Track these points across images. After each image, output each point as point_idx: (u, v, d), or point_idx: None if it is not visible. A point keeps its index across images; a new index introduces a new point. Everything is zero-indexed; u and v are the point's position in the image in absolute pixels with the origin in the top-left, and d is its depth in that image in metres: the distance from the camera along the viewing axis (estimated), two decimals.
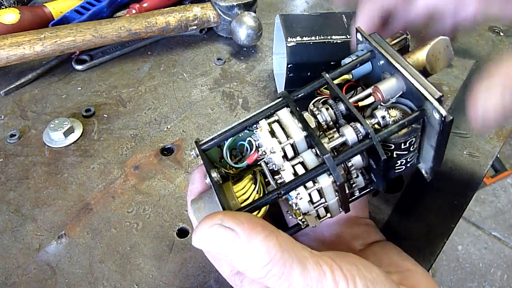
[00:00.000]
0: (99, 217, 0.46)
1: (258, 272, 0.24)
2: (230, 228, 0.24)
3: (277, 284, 0.25)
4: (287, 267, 0.24)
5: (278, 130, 0.31)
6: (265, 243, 0.24)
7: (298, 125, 0.31)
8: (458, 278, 1.51)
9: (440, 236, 0.44)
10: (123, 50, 0.64)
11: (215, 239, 0.25)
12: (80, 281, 0.41)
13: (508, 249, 1.59)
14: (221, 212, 0.26)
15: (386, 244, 0.36)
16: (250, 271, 0.25)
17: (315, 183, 0.30)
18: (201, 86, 0.60)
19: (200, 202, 0.32)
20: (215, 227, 0.25)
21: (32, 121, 0.55)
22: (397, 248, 0.35)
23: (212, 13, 0.64)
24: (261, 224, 0.25)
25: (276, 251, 0.24)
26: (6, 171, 0.50)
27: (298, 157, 0.31)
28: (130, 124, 0.55)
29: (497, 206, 1.72)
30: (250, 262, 0.24)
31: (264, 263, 0.24)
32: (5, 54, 0.55)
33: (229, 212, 0.26)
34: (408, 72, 0.30)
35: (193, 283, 0.41)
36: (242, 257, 0.24)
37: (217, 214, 0.25)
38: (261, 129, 0.31)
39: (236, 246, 0.24)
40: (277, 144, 0.30)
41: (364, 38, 0.34)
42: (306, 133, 0.31)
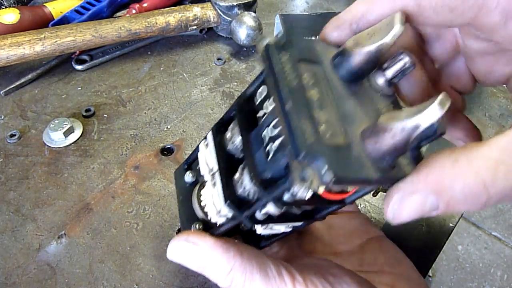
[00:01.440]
0: (99, 217, 0.46)
1: (223, 281, 0.27)
2: (193, 243, 0.28)
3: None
4: (247, 273, 0.27)
5: (202, 159, 0.30)
6: (225, 254, 0.27)
7: (215, 157, 0.29)
8: (458, 278, 1.51)
9: (440, 236, 0.44)
10: (123, 50, 0.64)
11: (181, 252, 0.28)
12: (80, 281, 0.41)
13: (508, 249, 1.59)
14: (187, 231, 0.29)
15: (384, 242, 0.36)
16: (217, 280, 0.28)
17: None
18: (201, 86, 0.60)
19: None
20: (181, 242, 0.28)
21: (32, 121, 0.55)
22: (396, 249, 0.35)
23: (212, 13, 0.64)
24: (224, 240, 0.28)
25: (236, 260, 0.27)
26: (6, 171, 0.50)
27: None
28: (130, 124, 0.55)
29: (497, 206, 1.72)
30: (214, 271, 0.27)
31: (227, 271, 0.27)
32: (5, 54, 0.55)
33: (194, 232, 0.29)
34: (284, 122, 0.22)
35: (193, 283, 0.41)
36: (207, 268, 0.28)
37: (183, 233, 0.29)
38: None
39: (200, 258, 0.28)
40: (205, 170, 0.30)
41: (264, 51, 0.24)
42: (218, 167, 0.28)
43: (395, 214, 0.23)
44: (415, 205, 0.22)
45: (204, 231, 0.29)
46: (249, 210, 0.26)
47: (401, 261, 0.34)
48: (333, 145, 0.21)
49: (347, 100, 0.23)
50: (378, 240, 0.36)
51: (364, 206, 0.47)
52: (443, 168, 0.21)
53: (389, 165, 0.22)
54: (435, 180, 0.21)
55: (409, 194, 0.22)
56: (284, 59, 0.23)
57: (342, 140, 0.21)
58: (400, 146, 0.20)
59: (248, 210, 0.26)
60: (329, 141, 0.21)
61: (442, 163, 0.21)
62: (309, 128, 0.20)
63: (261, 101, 0.27)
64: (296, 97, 0.21)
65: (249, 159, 0.25)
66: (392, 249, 0.35)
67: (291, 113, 0.21)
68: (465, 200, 0.21)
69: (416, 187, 0.22)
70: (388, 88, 0.25)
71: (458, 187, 0.21)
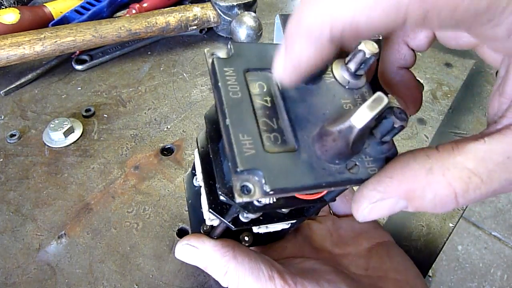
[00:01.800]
0: (99, 217, 0.46)
1: (221, 280, 0.30)
2: (194, 246, 0.32)
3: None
4: (240, 276, 0.30)
5: (196, 163, 0.32)
6: (222, 258, 0.30)
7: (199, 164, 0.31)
8: (458, 278, 1.51)
9: (440, 236, 0.44)
10: (123, 50, 0.64)
11: (185, 253, 0.32)
12: (80, 281, 0.41)
13: (508, 249, 1.59)
14: (191, 235, 0.33)
15: (392, 247, 0.36)
16: (219, 280, 0.31)
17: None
18: (201, 86, 0.60)
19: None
20: (185, 246, 0.32)
21: (32, 121, 0.55)
22: (403, 255, 0.35)
23: (212, 13, 0.64)
24: (221, 244, 0.31)
25: (231, 263, 0.30)
26: (6, 171, 0.50)
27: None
28: (130, 124, 0.55)
29: (497, 206, 1.72)
30: (213, 272, 0.31)
31: (223, 273, 0.30)
32: (5, 54, 0.55)
33: (196, 235, 0.33)
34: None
35: (193, 283, 0.41)
36: (209, 269, 0.31)
37: (187, 236, 0.33)
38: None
39: (199, 258, 0.32)
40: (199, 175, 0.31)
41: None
42: (202, 178, 0.30)
43: (365, 217, 0.24)
44: (386, 208, 0.23)
45: (206, 234, 0.33)
46: (228, 215, 0.28)
47: (407, 268, 0.34)
48: (278, 152, 0.21)
49: (302, 102, 0.23)
50: (386, 245, 0.36)
51: None
52: (416, 177, 0.21)
53: (345, 166, 0.22)
54: (408, 188, 0.21)
55: (381, 200, 0.22)
56: (230, 72, 0.23)
57: (291, 147, 0.21)
58: (342, 148, 0.20)
59: (228, 216, 0.29)
60: (274, 149, 0.21)
61: (416, 171, 0.21)
62: (250, 140, 0.21)
63: None
64: (238, 110, 0.21)
65: (217, 169, 0.26)
66: (399, 255, 0.35)
67: (232, 127, 0.21)
68: (434, 207, 0.22)
69: (389, 194, 0.22)
70: (355, 81, 0.24)
71: (429, 196, 0.21)
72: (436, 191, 0.21)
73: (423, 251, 0.43)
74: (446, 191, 0.21)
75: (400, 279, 0.32)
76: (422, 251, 0.43)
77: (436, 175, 0.21)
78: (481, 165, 0.20)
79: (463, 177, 0.21)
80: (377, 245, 0.36)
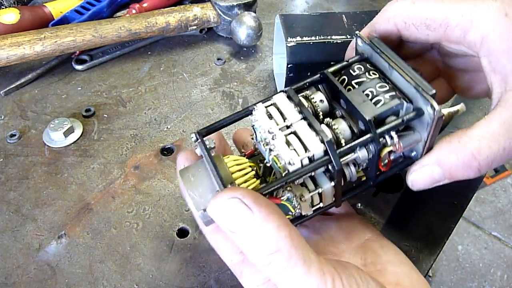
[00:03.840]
0: (99, 217, 0.46)
1: (262, 259, 0.25)
2: (248, 207, 0.25)
3: (278, 277, 0.25)
4: (291, 262, 0.24)
5: (275, 113, 0.31)
6: (277, 232, 0.24)
7: (295, 109, 0.31)
8: (458, 278, 1.51)
9: (440, 236, 0.44)
10: (123, 50, 0.64)
11: (231, 212, 0.25)
12: (80, 281, 0.41)
13: (508, 249, 1.59)
14: (242, 188, 0.26)
15: (384, 242, 0.36)
16: (254, 255, 0.25)
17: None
18: (201, 86, 0.60)
19: (190, 174, 0.31)
20: (234, 200, 0.25)
21: (32, 121, 0.55)
22: (396, 248, 0.35)
23: (212, 13, 0.64)
24: (278, 213, 0.25)
25: (285, 243, 0.24)
26: (6, 171, 0.50)
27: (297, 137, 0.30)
28: (130, 124, 0.55)
29: (497, 206, 1.72)
30: (257, 246, 0.25)
31: (271, 251, 0.24)
32: (5, 54, 0.55)
33: (251, 191, 0.26)
34: (404, 72, 0.31)
35: (193, 283, 0.41)
36: (251, 239, 0.25)
37: (239, 189, 0.26)
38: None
39: (249, 225, 0.25)
40: (275, 125, 0.30)
41: (364, 42, 0.34)
42: (302, 116, 0.31)
43: (413, 182, 0.33)
44: (426, 175, 0.32)
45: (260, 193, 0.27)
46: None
47: (401, 260, 0.34)
48: None
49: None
50: (377, 240, 0.36)
51: (364, 207, 0.47)
52: (441, 147, 0.31)
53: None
54: (436, 156, 0.31)
55: (420, 167, 0.32)
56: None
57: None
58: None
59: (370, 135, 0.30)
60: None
61: (440, 145, 0.31)
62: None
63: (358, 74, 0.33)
64: None
65: (352, 111, 0.31)
66: (392, 248, 0.35)
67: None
68: (461, 168, 0.30)
69: (426, 162, 0.31)
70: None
71: (453, 158, 0.30)
72: (457, 154, 0.30)
73: (423, 251, 0.43)
74: (464, 152, 0.29)
75: (398, 271, 0.32)
76: (422, 251, 0.43)
77: (454, 143, 0.30)
78: (487, 132, 0.29)
79: (475, 141, 0.29)
80: (368, 241, 0.36)
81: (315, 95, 0.33)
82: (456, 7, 0.32)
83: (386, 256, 0.34)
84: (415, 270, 0.33)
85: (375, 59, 0.34)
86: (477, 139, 0.29)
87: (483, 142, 0.29)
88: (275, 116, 0.31)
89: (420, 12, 0.33)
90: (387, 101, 0.31)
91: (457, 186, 0.48)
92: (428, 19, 0.33)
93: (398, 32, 0.35)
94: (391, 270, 0.32)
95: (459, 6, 0.32)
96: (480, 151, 0.29)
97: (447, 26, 0.32)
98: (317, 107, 0.33)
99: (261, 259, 0.25)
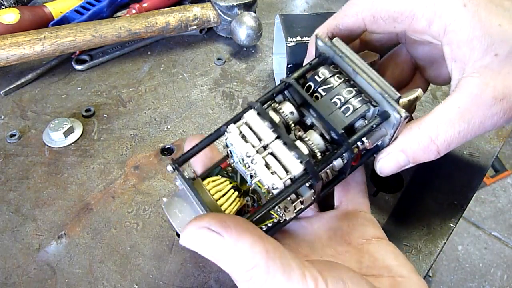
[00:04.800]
0: (99, 217, 0.46)
1: (242, 276, 0.25)
2: (217, 232, 0.25)
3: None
4: (270, 275, 0.25)
5: (249, 134, 0.31)
6: (250, 249, 0.25)
7: (267, 127, 0.31)
8: (458, 278, 1.51)
9: (440, 236, 0.44)
10: (123, 50, 0.64)
11: (201, 241, 0.25)
12: (80, 281, 0.41)
13: (508, 249, 1.59)
14: (209, 214, 0.26)
15: (384, 244, 0.35)
16: (234, 274, 0.25)
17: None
18: (201, 86, 0.60)
19: (174, 203, 0.32)
20: (203, 230, 0.25)
21: (32, 121, 0.55)
22: (396, 251, 0.34)
23: (212, 13, 0.64)
24: (249, 230, 0.26)
25: (261, 257, 0.25)
26: (6, 171, 0.50)
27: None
28: (130, 124, 0.55)
29: (497, 206, 1.73)
30: (234, 266, 0.25)
31: (248, 268, 0.25)
32: (5, 54, 0.55)
33: (217, 216, 0.26)
34: (369, 77, 0.32)
35: (193, 283, 0.41)
36: (227, 260, 0.25)
37: (205, 217, 0.26)
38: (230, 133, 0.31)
39: (222, 250, 0.25)
40: (251, 148, 0.30)
41: (325, 44, 0.34)
42: (276, 135, 0.31)
43: (381, 169, 0.35)
44: (392, 161, 0.34)
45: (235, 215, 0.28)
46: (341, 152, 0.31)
47: (400, 264, 0.33)
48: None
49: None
50: (377, 242, 0.35)
51: None
52: (403, 134, 0.33)
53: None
54: (400, 143, 0.33)
55: (386, 155, 0.34)
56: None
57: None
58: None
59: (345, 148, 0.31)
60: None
61: (403, 132, 0.33)
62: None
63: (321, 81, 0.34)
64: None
65: (322, 120, 0.32)
66: (391, 252, 0.34)
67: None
68: (423, 152, 0.33)
69: (390, 150, 0.34)
70: None
71: (414, 143, 0.33)
72: (417, 139, 0.33)
73: (423, 251, 0.43)
74: (423, 136, 0.32)
75: (395, 276, 0.32)
76: (422, 251, 0.43)
77: (414, 130, 0.33)
78: (443, 116, 0.32)
79: (431, 125, 0.32)
80: (368, 242, 0.35)
81: (283, 106, 0.33)
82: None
83: (384, 261, 0.33)
84: (414, 273, 0.32)
85: (337, 60, 0.34)
86: (434, 124, 0.32)
87: (440, 127, 0.32)
88: (250, 138, 0.31)
89: (387, 5, 0.35)
90: (356, 107, 0.32)
91: (457, 186, 0.48)
92: (396, 11, 0.34)
93: (364, 26, 0.36)
94: (388, 276, 0.32)
95: None
96: (438, 135, 0.32)
97: (413, 17, 0.34)
98: (288, 119, 0.33)
99: (241, 276, 0.25)
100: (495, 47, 0.32)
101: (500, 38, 0.31)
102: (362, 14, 0.36)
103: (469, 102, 0.31)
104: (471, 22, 0.32)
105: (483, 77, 0.32)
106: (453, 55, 0.33)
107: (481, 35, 0.32)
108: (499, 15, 0.32)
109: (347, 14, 0.37)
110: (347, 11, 0.37)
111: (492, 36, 0.31)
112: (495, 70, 0.32)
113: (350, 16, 0.36)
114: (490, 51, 0.32)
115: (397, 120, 0.31)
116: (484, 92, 0.31)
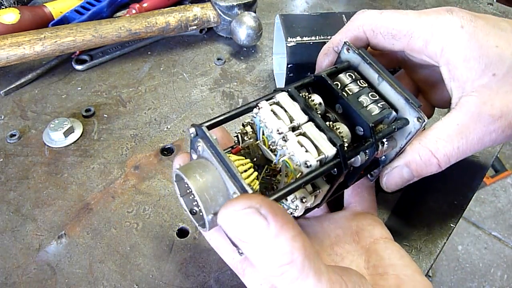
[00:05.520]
0: (99, 217, 0.46)
1: (273, 270, 0.23)
2: (264, 217, 0.22)
3: (288, 287, 0.24)
4: (304, 273, 0.23)
5: (281, 112, 0.30)
6: (291, 243, 0.23)
7: (300, 109, 0.31)
8: (458, 278, 1.51)
9: (440, 236, 0.44)
10: (123, 50, 0.64)
11: (245, 222, 0.23)
12: (80, 281, 0.41)
13: (508, 249, 1.59)
14: (257, 195, 0.23)
15: (391, 244, 0.36)
16: (265, 266, 0.23)
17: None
18: (201, 86, 0.60)
19: (197, 175, 0.28)
20: (250, 210, 0.23)
21: (32, 121, 0.55)
22: (402, 251, 0.35)
23: (212, 13, 0.64)
24: (291, 222, 0.23)
25: (299, 254, 0.23)
26: (6, 171, 0.50)
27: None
28: (130, 124, 0.55)
29: (497, 206, 1.73)
30: (269, 258, 0.23)
31: (284, 263, 0.23)
32: (5, 54, 0.55)
33: (267, 199, 0.23)
34: (394, 84, 0.33)
35: (193, 283, 0.41)
36: (263, 250, 0.23)
37: (254, 197, 0.23)
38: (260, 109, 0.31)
39: (263, 237, 0.22)
40: (284, 125, 0.30)
41: (353, 51, 0.36)
42: (309, 118, 0.31)
43: (386, 184, 0.37)
44: (397, 176, 0.36)
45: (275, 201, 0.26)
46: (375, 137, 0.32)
47: (406, 264, 0.34)
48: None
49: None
50: (384, 242, 0.36)
51: None
52: (407, 151, 0.35)
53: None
54: (403, 158, 0.35)
55: (391, 169, 0.36)
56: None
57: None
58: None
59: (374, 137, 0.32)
60: None
61: (407, 148, 0.35)
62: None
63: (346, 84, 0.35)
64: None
65: (349, 115, 0.33)
66: (397, 251, 0.35)
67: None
68: (424, 165, 0.35)
69: (395, 165, 0.36)
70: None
71: (416, 158, 0.34)
72: (419, 153, 0.34)
73: (423, 251, 0.43)
74: (424, 151, 0.34)
75: (400, 275, 0.32)
76: (422, 251, 0.43)
77: (415, 145, 0.34)
78: (442, 132, 0.34)
79: (432, 141, 0.34)
80: (375, 242, 0.36)
81: (313, 96, 0.33)
82: (418, 19, 0.35)
83: (390, 260, 0.34)
84: (419, 273, 0.33)
85: (361, 68, 0.35)
86: (434, 139, 0.34)
87: (439, 142, 0.34)
88: (282, 116, 0.30)
89: (386, 22, 0.37)
90: (381, 108, 0.33)
91: (457, 186, 0.48)
92: (394, 29, 0.36)
93: (367, 40, 0.38)
94: (393, 274, 0.32)
95: (421, 18, 0.35)
96: (437, 149, 0.34)
97: (411, 36, 0.36)
98: (317, 110, 0.33)
99: (272, 270, 0.23)
100: (492, 68, 0.33)
101: (497, 58, 0.33)
102: (364, 27, 0.38)
103: (468, 119, 0.33)
104: (468, 43, 0.33)
105: (481, 96, 0.33)
106: (451, 75, 0.35)
107: (479, 55, 0.33)
108: (496, 36, 0.34)
109: (350, 29, 0.39)
110: (350, 25, 0.39)
111: (490, 56, 0.33)
112: (493, 89, 0.33)
113: (352, 30, 0.39)
114: (487, 72, 0.33)
115: (415, 127, 0.32)
116: (482, 110, 0.33)
